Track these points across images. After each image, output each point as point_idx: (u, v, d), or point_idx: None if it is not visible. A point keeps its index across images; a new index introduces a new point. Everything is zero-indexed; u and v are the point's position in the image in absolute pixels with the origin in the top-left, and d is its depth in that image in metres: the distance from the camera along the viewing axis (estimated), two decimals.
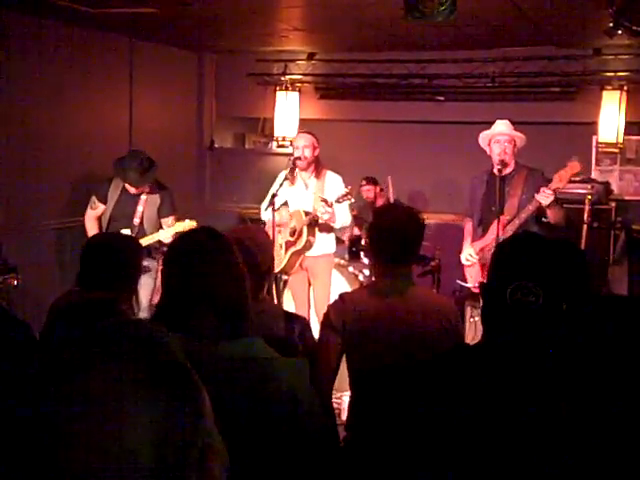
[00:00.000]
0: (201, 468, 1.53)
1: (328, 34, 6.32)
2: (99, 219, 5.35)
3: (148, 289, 5.24)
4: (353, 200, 5.03)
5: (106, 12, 5.27)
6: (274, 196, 4.90)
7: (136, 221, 5.23)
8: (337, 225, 5.15)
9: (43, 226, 5.77)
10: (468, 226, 5.08)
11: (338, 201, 4.88)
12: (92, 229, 5.33)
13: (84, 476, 1.48)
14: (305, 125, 7.04)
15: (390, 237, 2.69)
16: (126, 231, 5.09)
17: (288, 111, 7.52)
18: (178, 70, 7.63)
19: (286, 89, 7.52)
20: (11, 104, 5.58)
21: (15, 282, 4.78)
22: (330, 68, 7.43)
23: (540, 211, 4.60)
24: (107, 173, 5.72)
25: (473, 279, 4.95)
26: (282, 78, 7.52)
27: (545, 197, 4.49)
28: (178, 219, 5.23)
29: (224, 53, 7.85)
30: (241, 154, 8.50)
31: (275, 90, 7.59)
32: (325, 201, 4.87)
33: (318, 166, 5.18)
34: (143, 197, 5.25)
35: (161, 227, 5.27)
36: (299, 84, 7.61)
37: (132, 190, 5.21)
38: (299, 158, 5.05)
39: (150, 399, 1.53)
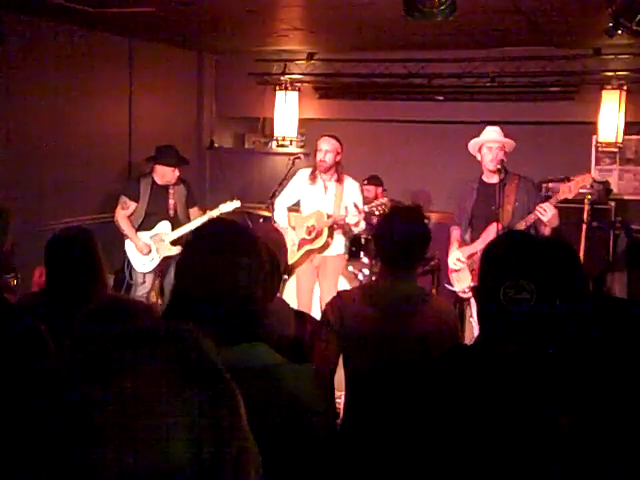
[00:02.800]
0: (237, 471, 1.50)
1: (328, 34, 6.32)
2: (130, 217, 5.74)
3: None
4: (387, 211, 5.07)
5: (105, 12, 5.27)
6: (288, 193, 5.01)
7: (171, 213, 5.72)
8: (357, 229, 5.25)
9: (43, 226, 5.77)
10: (455, 233, 5.04)
11: (371, 209, 4.98)
12: (127, 227, 5.72)
13: (122, 479, 1.46)
14: (304, 125, 7.04)
15: (393, 239, 2.68)
16: (165, 223, 5.70)
17: (288, 111, 7.52)
18: (178, 70, 7.63)
19: (285, 89, 7.51)
20: (10, 104, 5.58)
21: (14, 282, 4.78)
22: (330, 68, 7.42)
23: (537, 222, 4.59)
24: (107, 172, 5.78)
25: (460, 283, 4.93)
26: (281, 78, 7.52)
27: (545, 215, 4.47)
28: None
29: (224, 53, 7.85)
30: (241, 154, 8.49)
31: (275, 90, 7.58)
32: (357, 206, 4.95)
33: (339, 172, 5.24)
34: (171, 190, 5.75)
35: (188, 217, 5.81)
36: (298, 84, 7.60)
37: (169, 176, 5.65)
38: (299, 157, 5.12)
39: (186, 401, 1.48)
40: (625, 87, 6.42)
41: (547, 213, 4.47)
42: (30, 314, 2.66)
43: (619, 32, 3.86)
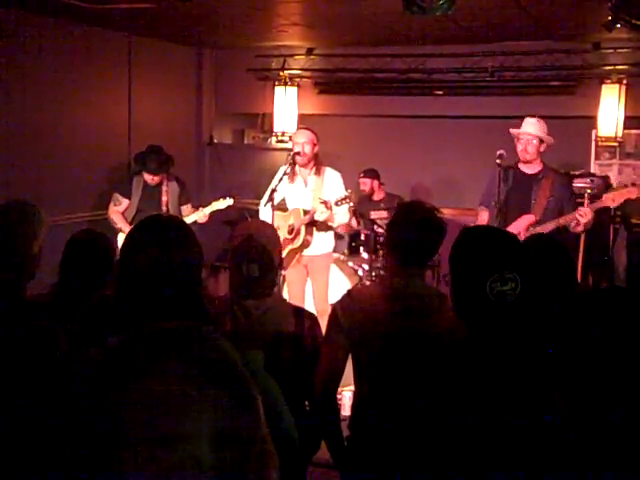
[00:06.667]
0: (259, 474, 1.49)
1: (327, 29, 6.31)
2: (123, 214, 5.77)
3: None
4: (352, 204, 5.01)
5: (105, 8, 5.26)
6: (273, 192, 4.89)
7: (164, 209, 5.71)
8: (335, 224, 5.18)
9: None
10: (483, 215, 4.98)
11: (337, 204, 4.87)
12: (120, 221, 5.72)
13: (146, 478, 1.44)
14: (304, 120, 7.03)
15: (408, 236, 2.62)
16: None
17: (287, 106, 7.51)
18: (177, 66, 7.62)
19: (285, 84, 7.50)
20: (10, 101, 5.58)
21: None
22: (329, 63, 7.41)
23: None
24: (106, 168, 5.75)
25: None
26: (281, 73, 7.51)
27: (584, 218, 4.51)
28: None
29: (223, 48, 7.84)
30: (240, 149, 8.49)
31: (274, 85, 7.57)
32: (325, 203, 4.85)
33: (317, 163, 5.17)
34: (164, 188, 5.74)
35: (180, 214, 5.77)
36: (298, 79, 7.60)
37: (149, 179, 5.66)
38: (298, 153, 5.05)
39: (209, 403, 1.48)
40: (625, 81, 6.41)
41: (586, 217, 4.50)
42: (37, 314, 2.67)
43: (618, 26, 3.86)
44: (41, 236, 2.56)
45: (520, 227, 4.65)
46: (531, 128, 4.78)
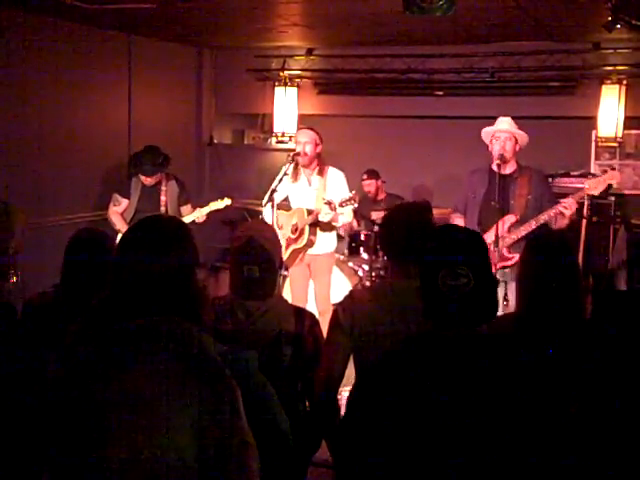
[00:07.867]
0: (239, 464, 1.55)
1: (327, 29, 6.31)
2: (122, 214, 5.73)
3: None
4: (356, 205, 4.99)
5: (104, 8, 5.26)
6: (273, 192, 4.89)
7: (162, 209, 5.66)
8: (339, 224, 5.16)
9: (43, 223, 5.77)
10: (458, 222, 4.96)
11: (341, 205, 4.86)
12: (119, 222, 5.67)
13: (134, 471, 1.50)
14: (304, 121, 7.04)
15: (405, 234, 2.63)
16: None
17: (287, 107, 7.52)
18: (177, 66, 7.62)
19: (285, 85, 7.51)
20: (9, 101, 5.58)
21: (14, 279, 4.78)
22: (329, 63, 7.42)
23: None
24: (106, 168, 5.72)
25: None
26: (281, 74, 7.51)
27: (569, 210, 4.44)
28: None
29: (223, 49, 7.85)
30: (240, 150, 8.49)
31: (274, 86, 7.58)
32: (329, 204, 4.83)
33: (321, 163, 5.15)
34: (163, 188, 5.67)
35: (180, 214, 5.72)
36: (298, 79, 7.60)
37: (144, 181, 5.60)
38: (298, 154, 5.04)
39: (188, 397, 1.53)
40: (625, 81, 6.42)
41: (571, 208, 4.44)
42: (39, 314, 2.66)
43: (618, 26, 3.86)
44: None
45: (502, 229, 4.61)
46: (507, 126, 4.73)
